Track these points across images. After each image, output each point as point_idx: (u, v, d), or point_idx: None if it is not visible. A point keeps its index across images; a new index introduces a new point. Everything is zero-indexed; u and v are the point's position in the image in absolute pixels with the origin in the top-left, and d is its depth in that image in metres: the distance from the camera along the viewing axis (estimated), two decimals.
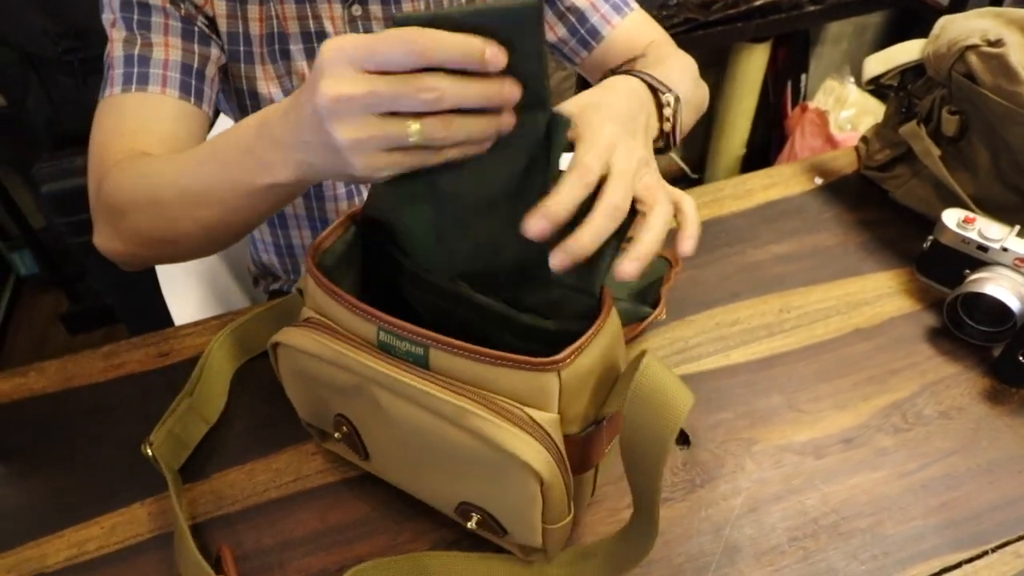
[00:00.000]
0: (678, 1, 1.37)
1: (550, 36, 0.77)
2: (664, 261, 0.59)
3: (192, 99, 0.63)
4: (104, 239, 0.62)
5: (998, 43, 0.64)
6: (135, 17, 0.62)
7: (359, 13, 0.69)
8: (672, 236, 0.47)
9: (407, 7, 0.70)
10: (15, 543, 0.55)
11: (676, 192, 0.51)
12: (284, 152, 0.43)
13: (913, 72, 0.74)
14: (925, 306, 0.69)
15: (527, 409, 0.42)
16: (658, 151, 0.57)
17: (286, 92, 0.71)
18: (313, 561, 0.52)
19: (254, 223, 0.57)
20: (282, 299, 0.63)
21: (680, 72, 0.64)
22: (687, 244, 0.47)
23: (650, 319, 0.63)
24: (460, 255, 0.47)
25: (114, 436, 0.61)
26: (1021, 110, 0.63)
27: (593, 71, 0.78)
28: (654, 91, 0.55)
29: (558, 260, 0.40)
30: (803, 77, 1.88)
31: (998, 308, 0.62)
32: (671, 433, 0.40)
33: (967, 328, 0.65)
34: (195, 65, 0.64)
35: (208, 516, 0.56)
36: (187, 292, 0.88)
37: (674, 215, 0.48)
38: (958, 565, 0.51)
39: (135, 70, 0.61)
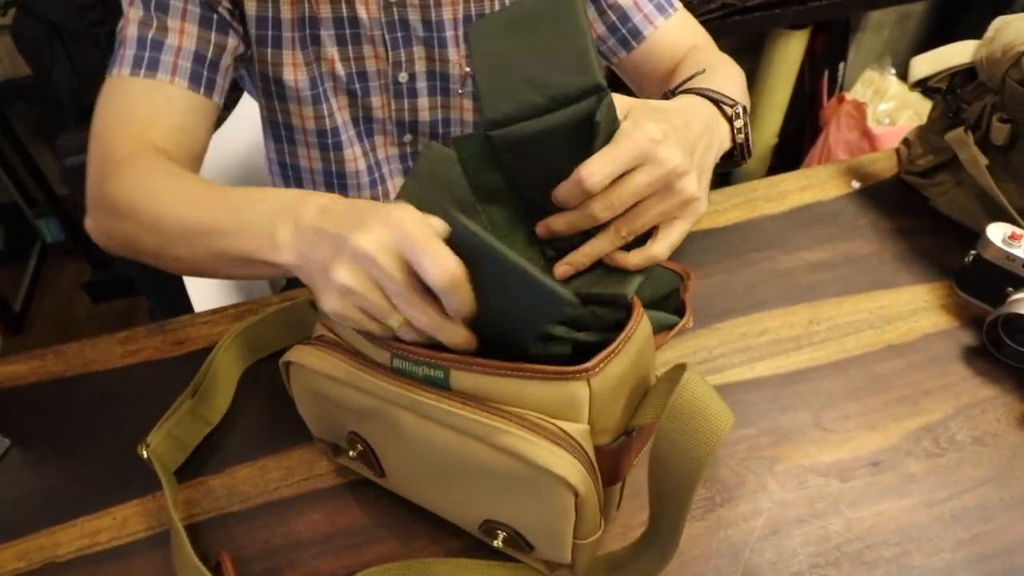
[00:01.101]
0: None
1: None
2: (673, 274, 0.57)
3: (202, 90, 0.62)
4: (95, 228, 0.60)
5: None
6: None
7: (394, 0, 0.67)
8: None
9: None
10: (28, 530, 0.55)
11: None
12: (298, 237, 0.43)
13: (963, 75, 0.70)
14: (963, 323, 0.67)
15: (557, 421, 0.41)
16: (734, 165, 0.59)
17: (311, 79, 0.70)
18: (322, 564, 0.52)
19: (236, 278, 0.62)
20: (292, 303, 0.62)
21: (732, 81, 0.63)
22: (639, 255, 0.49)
23: (677, 328, 0.61)
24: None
25: (129, 423, 0.60)
26: None
27: (632, 72, 0.76)
28: (719, 105, 0.54)
29: (561, 271, 0.45)
30: (841, 66, 1.82)
31: None
32: (708, 453, 0.39)
33: (1007, 349, 0.62)
34: (209, 55, 0.62)
35: (219, 512, 0.55)
36: None
37: None
38: None
39: (146, 54, 0.59)
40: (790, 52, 1.69)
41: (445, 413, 0.42)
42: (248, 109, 0.98)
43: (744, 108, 0.57)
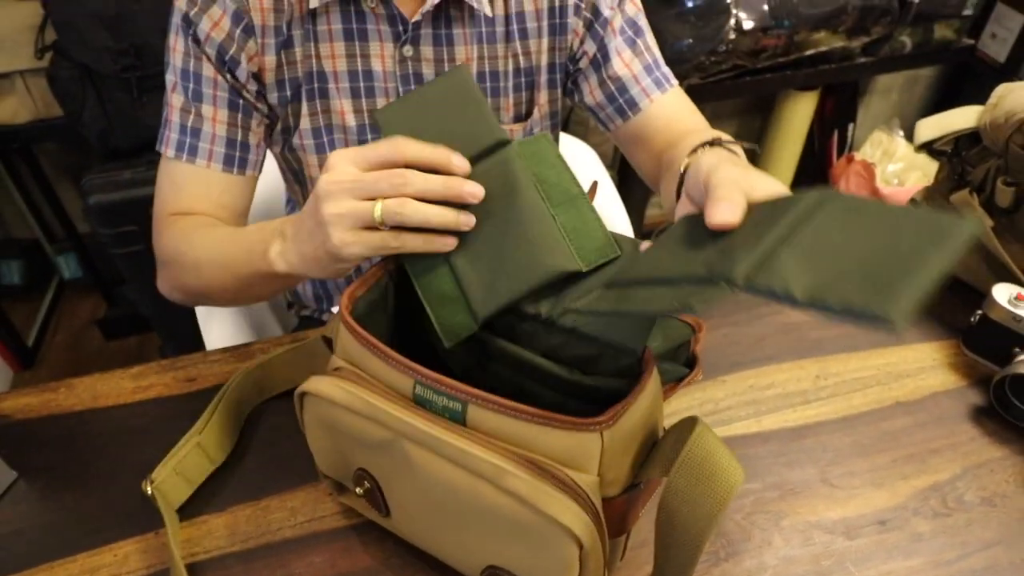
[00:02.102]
0: (727, 48, 1.36)
1: (589, 100, 0.77)
2: (686, 326, 0.57)
3: (235, 170, 0.71)
4: (160, 282, 0.73)
5: None
6: (191, 86, 0.68)
7: (410, 54, 0.70)
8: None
9: (459, 50, 0.71)
10: (28, 565, 0.55)
11: None
12: (285, 245, 0.55)
13: (968, 139, 0.71)
14: (971, 383, 0.67)
15: (567, 471, 0.41)
16: None
17: (315, 129, 0.72)
18: None
19: (266, 295, 0.72)
20: (302, 343, 0.63)
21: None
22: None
23: (687, 380, 0.61)
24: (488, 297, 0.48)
25: (136, 459, 0.60)
26: None
27: (626, 140, 0.78)
28: None
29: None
30: (850, 127, 1.85)
31: None
32: (719, 509, 0.39)
33: (1014, 410, 0.62)
34: (238, 138, 0.71)
35: (220, 551, 0.55)
36: (221, 313, 0.89)
37: None
38: None
39: (187, 140, 0.70)
40: (800, 112, 1.73)
41: (457, 450, 0.42)
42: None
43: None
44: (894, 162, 1.71)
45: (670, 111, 0.74)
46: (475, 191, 0.47)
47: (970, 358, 0.68)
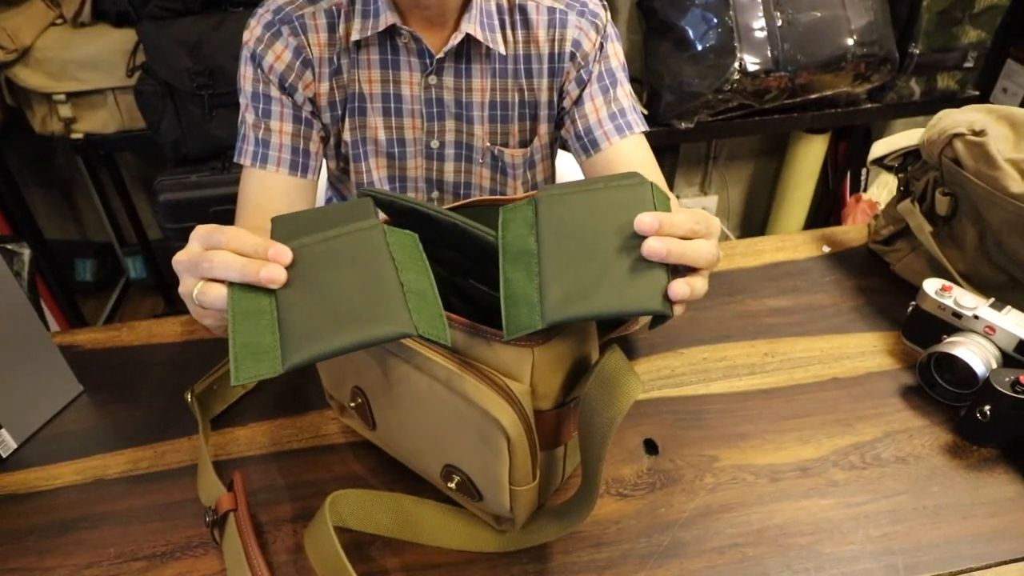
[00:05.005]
0: (732, 87, 1.48)
1: (564, 134, 0.89)
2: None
3: (299, 174, 0.83)
4: None
5: (981, 133, 0.71)
6: (260, 106, 0.82)
7: (434, 83, 0.84)
8: None
9: (475, 82, 0.84)
10: (86, 454, 0.67)
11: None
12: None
13: (914, 155, 0.81)
14: (904, 367, 0.74)
15: (504, 378, 0.51)
16: None
17: (354, 142, 0.86)
18: (313, 502, 0.62)
19: None
20: None
21: None
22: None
23: (624, 327, 0.69)
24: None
25: (179, 384, 0.73)
26: (999, 193, 0.70)
27: (590, 175, 0.90)
28: None
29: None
30: (863, 171, 1.93)
31: (966, 371, 0.67)
32: (619, 414, 0.48)
33: (939, 388, 0.70)
34: (301, 145, 0.84)
35: (240, 455, 0.67)
36: None
37: None
38: None
39: (260, 150, 0.82)
40: (811, 155, 1.82)
41: (423, 358, 0.53)
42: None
43: None
44: None
45: (624, 155, 0.85)
46: (272, 275, 0.46)
47: (908, 347, 0.76)
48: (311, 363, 0.45)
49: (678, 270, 0.49)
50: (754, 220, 2.21)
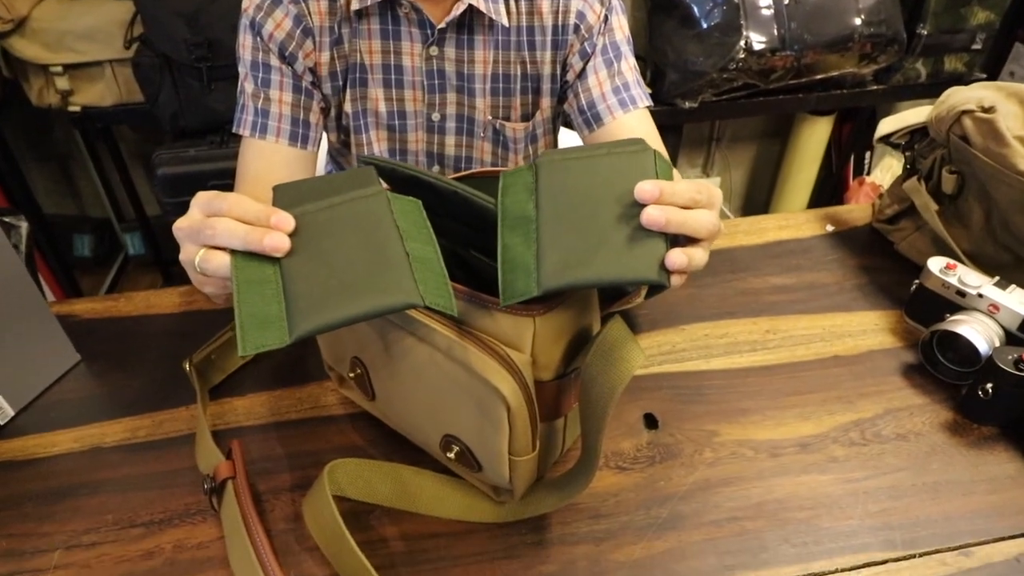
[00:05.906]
0: (737, 66, 1.46)
1: (567, 108, 0.88)
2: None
3: (299, 144, 0.82)
4: None
5: (990, 109, 0.70)
6: (260, 75, 0.81)
7: (435, 54, 0.83)
8: None
9: (477, 53, 0.83)
10: (83, 422, 0.67)
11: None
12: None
13: (920, 133, 0.80)
14: (906, 345, 0.74)
15: (505, 348, 0.51)
16: None
17: (355, 113, 0.85)
18: (312, 471, 0.62)
19: None
20: None
21: None
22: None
23: (626, 299, 0.68)
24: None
25: (176, 354, 0.72)
26: (1007, 171, 0.69)
27: None
28: None
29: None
30: (867, 154, 1.92)
31: (969, 349, 0.66)
32: (620, 383, 0.47)
33: (941, 366, 0.69)
34: (301, 116, 0.82)
35: (238, 424, 0.66)
36: None
37: None
38: (883, 563, 0.55)
39: (259, 120, 0.81)
40: (815, 137, 1.81)
41: (423, 327, 0.52)
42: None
43: None
44: None
45: (628, 129, 0.84)
46: (276, 243, 0.45)
47: (910, 326, 0.76)
48: (318, 333, 0.44)
49: (678, 240, 0.48)
50: (756, 202, 2.20)
